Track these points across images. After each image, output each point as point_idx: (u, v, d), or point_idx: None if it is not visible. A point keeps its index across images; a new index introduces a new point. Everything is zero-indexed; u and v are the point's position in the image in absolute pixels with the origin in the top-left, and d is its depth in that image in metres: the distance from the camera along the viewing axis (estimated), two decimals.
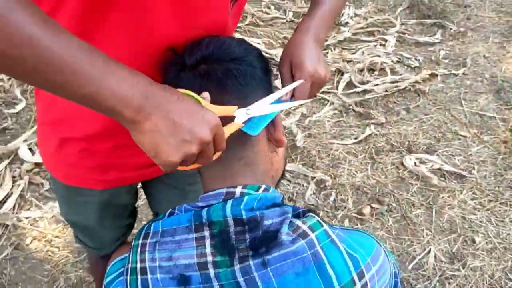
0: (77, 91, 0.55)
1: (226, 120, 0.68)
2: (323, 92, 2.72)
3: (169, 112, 0.59)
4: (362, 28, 3.33)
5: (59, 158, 0.92)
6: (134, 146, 0.63)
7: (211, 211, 0.70)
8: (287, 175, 2.16)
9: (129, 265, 0.74)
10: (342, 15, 3.47)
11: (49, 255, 1.87)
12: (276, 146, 0.79)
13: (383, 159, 2.26)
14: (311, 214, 0.74)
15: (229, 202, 0.70)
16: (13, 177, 2.19)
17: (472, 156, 2.27)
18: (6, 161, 2.26)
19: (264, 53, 0.81)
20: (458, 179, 2.15)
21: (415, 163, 2.21)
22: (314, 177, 2.14)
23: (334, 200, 2.06)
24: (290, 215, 0.72)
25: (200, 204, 0.73)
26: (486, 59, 2.98)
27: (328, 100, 2.65)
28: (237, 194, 0.72)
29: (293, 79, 0.82)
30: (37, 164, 2.25)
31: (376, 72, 2.87)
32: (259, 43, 3.16)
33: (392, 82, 2.76)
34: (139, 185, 1.17)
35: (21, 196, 2.10)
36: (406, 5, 3.61)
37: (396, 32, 3.26)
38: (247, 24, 3.40)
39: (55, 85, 0.55)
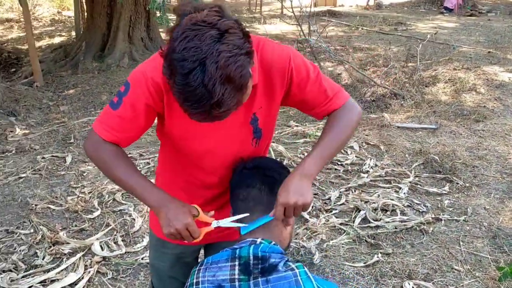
0: (136, 197, 1.33)
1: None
2: (341, 224, 3.26)
3: (167, 213, 1.29)
4: (380, 176, 3.94)
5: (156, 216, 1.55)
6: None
7: (241, 250, 1.27)
8: None
9: (187, 283, 1.29)
10: (364, 165, 4.13)
11: None
12: (286, 225, 1.37)
13: (386, 281, 2.68)
14: (301, 264, 1.28)
15: (252, 246, 1.27)
16: (85, 265, 2.76)
17: (464, 287, 2.66)
18: (82, 253, 2.85)
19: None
20: None
21: (413, 287, 2.62)
22: None
23: None
24: (286, 259, 1.27)
25: (236, 246, 1.29)
26: (486, 211, 3.47)
27: (345, 231, 3.17)
28: (258, 242, 1.28)
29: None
30: (104, 258, 2.83)
31: (388, 212, 3.40)
32: None
33: (401, 221, 3.26)
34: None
35: (89, 280, 2.64)
36: (421, 162, 4.24)
37: (410, 182, 3.85)
38: None
39: (128, 191, 1.33)
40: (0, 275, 2.66)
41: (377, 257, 2.87)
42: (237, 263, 1.27)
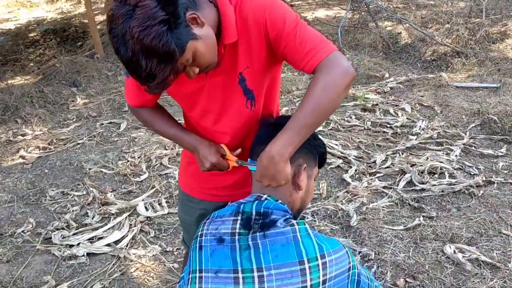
0: (176, 142, 1.44)
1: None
2: (384, 187, 3.17)
3: (201, 154, 1.42)
4: (431, 138, 3.77)
5: (184, 173, 1.67)
6: (223, 176, 1.49)
7: (245, 205, 1.27)
8: None
9: (194, 236, 1.32)
10: (414, 127, 3.96)
11: (146, 281, 2.47)
12: (297, 189, 1.34)
13: (426, 245, 2.60)
14: (303, 221, 1.26)
15: (256, 202, 1.27)
16: (130, 224, 2.90)
17: (511, 252, 2.52)
18: (128, 213, 3.00)
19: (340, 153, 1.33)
20: (492, 269, 2.40)
21: (454, 251, 2.51)
22: (361, 252, 2.54)
23: (375, 272, 2.43)
24: (288, 216, 1.26)
25: (242, 201, 1.30)
26: None
27: (387, 194, 3.08)
28: (263, 198, 1.28)
29: None
30: (148, 218, 2.96)
31: (436, 175, 3.26)
32: (336, 145, 3.74)
33: (449, 184, 3.12)
34: None
35: (133, 237, 2.79)
36: (478, 123, 4.00)
37: (463, 144, 3.64)
38: (330, 129, 4.03)
39: (169, 139, 1.46)
40: (53, 232, 2.87)
41: (419, 220, 2.78)
42: (239, 217, 1.27)
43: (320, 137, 3.57)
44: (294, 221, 1.24)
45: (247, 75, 1.34)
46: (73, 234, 2.84)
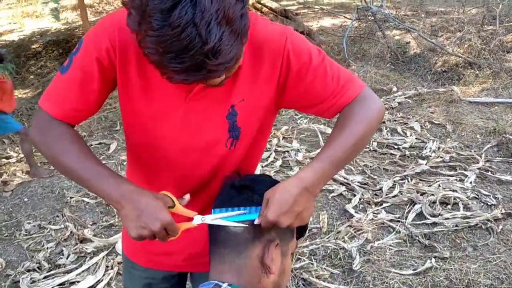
0: (89, 190, 1.02)
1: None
2: (391, 220, 2.85)
3: (136, 209, 0.94)
4: (443, 161, 3.44)
5: (126, 234, 1.30)
6: (179, 241, 1.03)
7: None
8: None
9: None
10: (425, 148, 3.64)
11: None
12: (267, 273, 1.03)
13: None
14: None
15: None
16: (107, 266, 2.61)
17: None
18: (105, 252, 2.71)
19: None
20: None
21: None
22: None
23: None
24: None
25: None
26: None
27: (394, 229, 2.76)
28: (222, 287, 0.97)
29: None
30: None
31: (449, 206, 2.93)
32: None
33: (463, 218, 2.79)
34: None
35: (108, 283, 2.50)
36: (494, 143, 3.67)
37: (478, 168, 3.31)
38: None
39: (82, 185, 1.01)
40: (24, 274, 2.59)
41: (430, 262, 2.45)
42: None
43: None
44: None
45: (240, 110, 1.07)
46: (44, 278, 2.56)
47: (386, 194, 3.12)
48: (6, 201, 3.43)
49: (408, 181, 3.24)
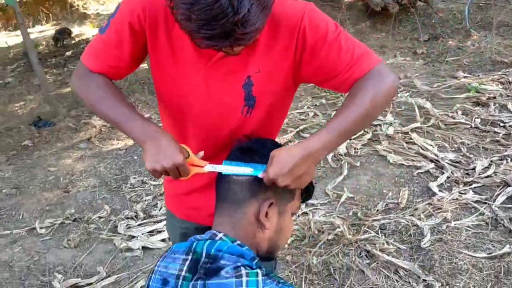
0: (121, 131, 1.15)
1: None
2: (477, 201, 2.67)
3: (156, 146, 1.06)
4: None
5: (166, 188, 1.50)
6: (197, 199, 1.24)
7: (198, 244, 1.10)
8: (401, 272, 2.25)
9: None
10: None
11: None
12: (262, 228, 1.13)
13: (511, 281, 2.12)
14: (256, 271, 1.05)
15: (208, 241, 1.09)
16: None
17: None
18: None
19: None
20: None
21: None
22: (425, 280, 2.17)
23: None
24: (241, 264, 1.05)
25: (198, 236, 1.13)
26: None
27: (478, 210, 2.59)
28: (217, 238, 1.09)
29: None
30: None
31: None
32: (431, 145, 3.27)
33: None
34: None
35: None
36: None
37: None
38: (428, 126, 3.54)
39: (114, 126, 1.16)
40: (122, 221, 2.97)
41: (510, 247, 2.28)
42: (189, 257, 1.11)
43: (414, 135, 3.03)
44: (243, 271, 1.03)
45: (255, 81, 1.16)
46: (138, 225, 2.92)
47: (479, 174, 2.92)
48: (120, 157, 3.91)
49: (507, 162, 2.98)
